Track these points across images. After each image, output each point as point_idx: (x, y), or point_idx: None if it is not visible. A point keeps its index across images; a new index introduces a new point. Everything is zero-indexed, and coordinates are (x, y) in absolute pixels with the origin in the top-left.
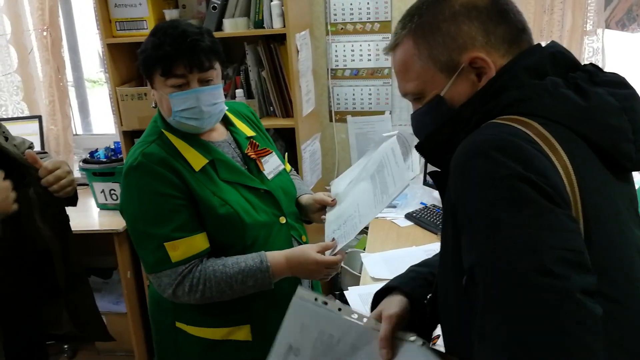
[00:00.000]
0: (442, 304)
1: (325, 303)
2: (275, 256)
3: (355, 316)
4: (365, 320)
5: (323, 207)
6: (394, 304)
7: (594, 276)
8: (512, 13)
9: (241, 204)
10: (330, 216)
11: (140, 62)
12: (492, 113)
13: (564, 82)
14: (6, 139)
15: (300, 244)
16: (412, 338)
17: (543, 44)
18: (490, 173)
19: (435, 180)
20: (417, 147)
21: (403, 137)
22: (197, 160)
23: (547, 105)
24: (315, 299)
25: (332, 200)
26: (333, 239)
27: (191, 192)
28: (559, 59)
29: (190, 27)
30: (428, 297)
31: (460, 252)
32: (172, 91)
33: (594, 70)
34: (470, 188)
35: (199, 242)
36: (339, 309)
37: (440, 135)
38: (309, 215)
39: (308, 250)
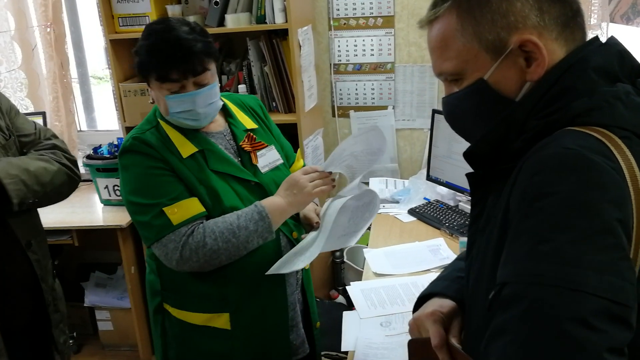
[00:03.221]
0: (470, 306)
1: None
2: (268, 198)
3: None
4: None
5: (310, 224)
6: (430, 305)
7: (631, 333)
8: None
9: (227, 194)
10: (307, 237)
11: (135, 64)
12: (559, 123)
13: (633, 89)
14: (10, 134)
15: (289, 239)
16: None
17: (602, 38)
18: (562, 193)
19: (470, 180)
20: (467, 154)
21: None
22: (186, 148)
23: (621, 114)
24: None
25: (316, 223)
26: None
27: (178, 176)
28: (625, 59)
29: (182, 29)
30: None
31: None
32: (169, 93)
33: None
34: (533, 203)
35: (196, 205)
36: None
37: (491, 139)
38: (302, 225)
39: (290, 175)
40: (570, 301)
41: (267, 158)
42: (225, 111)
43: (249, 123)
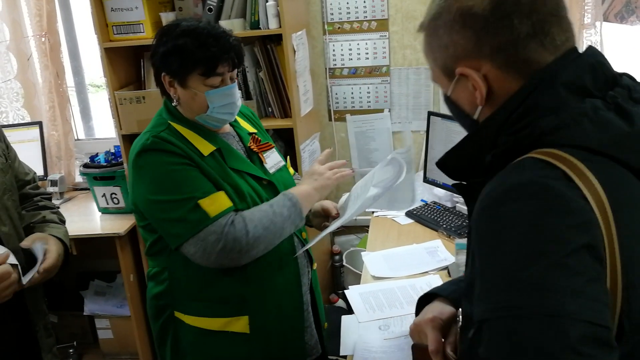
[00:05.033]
0: (461, 339)
1: None
2: (293, 188)
3: None
4: None
5: (327, 216)
6: (430, 310)
7: (616, 354)
8: (518, 17)
9: (248, 191)
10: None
11: (173, 61)
12: (527, 141)
13: (603, 103)
14: (6, 159)
15: (300, 240)
16: None
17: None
18: (528, 222)
19: (461, 192)
20: (438, 164)
21: (398, 161)
22: (205, 147)
23: (587, 133)
24: None
25: (335, 213)
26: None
27: (203, 173)
28: (598, 71)
29: (215, 25)
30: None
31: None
32: (209, 89)
33: (632, 84)
34: (499, 235)
35: (226, 198)
36: None
37: (461, 153)
38: (312, 220)
39: (311, 166)
40: (553, 329)
41: (272, 159)
42: None
43: (249, 127)
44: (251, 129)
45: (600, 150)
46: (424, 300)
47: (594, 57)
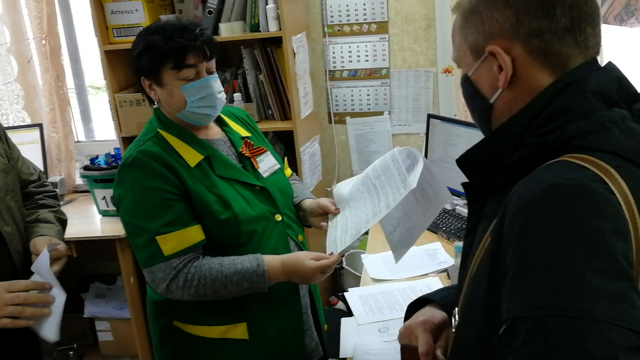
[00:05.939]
0: (464, 320)
1: None
2: (272, 261)
3: None
4: None
5: (325, 214)
6: (421, 314)
7: None
8: (560, 8)
9: (236, 199)
10: (332, 224)
11: (145, 61)
12: (555, 144)
13: (629, 114)
14: (8, 159)
15: (296, 243)
16: None
17: (602, 63)
18: (570, 222)
19: (467, 192)
20: (459, 161)
21: (411, 151)
22: (192, 157)
23: (616, 139)
24: None
25: (335, 209)
26: (331, 253)
27: (185, 187)
28: (623, 85)
29: (187, 21)
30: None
31: (493, 291)
32: (184, 83)
33: None
34: (539, 234)
35: (193, 234)
36: None
37: (483, 151)
38: (310, 220)
39: (303, 258)
40: (596, 333)
41: (266, 163)
42: (219, 120)
43: (242, 131)
44: (245, 133)
45: (628, 157)
46: (415, 307)
47: (617, 71)
